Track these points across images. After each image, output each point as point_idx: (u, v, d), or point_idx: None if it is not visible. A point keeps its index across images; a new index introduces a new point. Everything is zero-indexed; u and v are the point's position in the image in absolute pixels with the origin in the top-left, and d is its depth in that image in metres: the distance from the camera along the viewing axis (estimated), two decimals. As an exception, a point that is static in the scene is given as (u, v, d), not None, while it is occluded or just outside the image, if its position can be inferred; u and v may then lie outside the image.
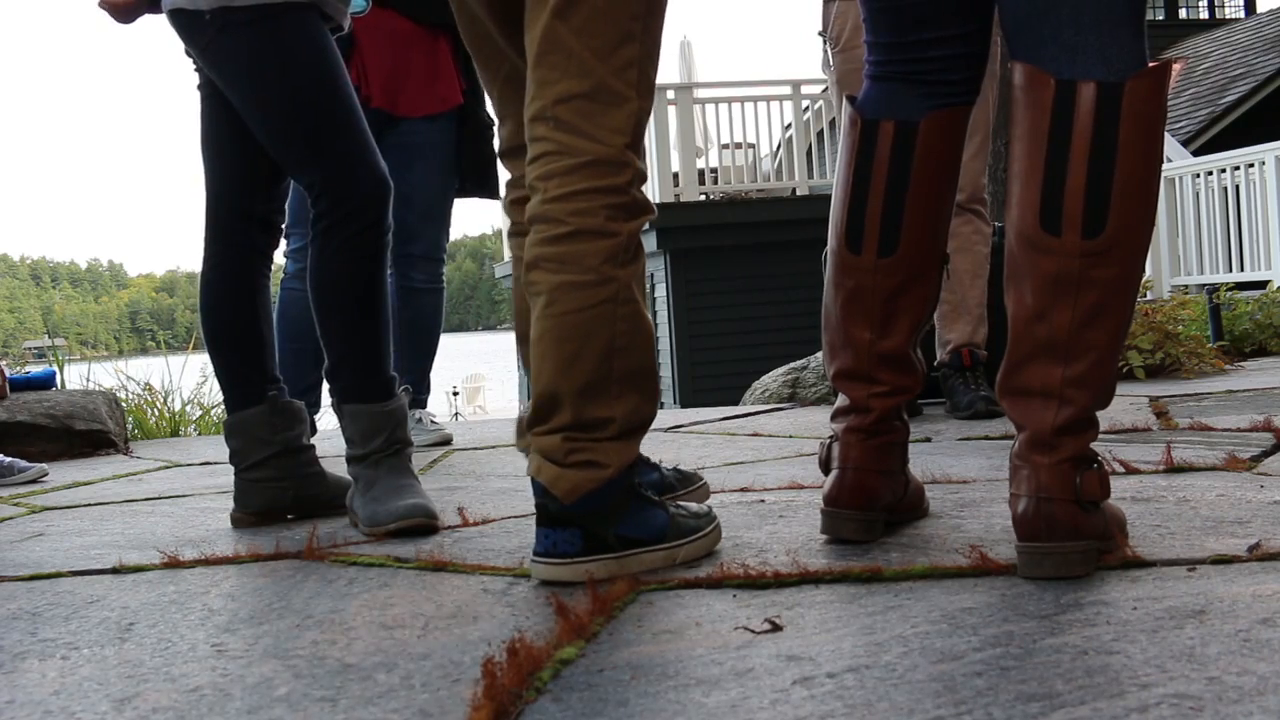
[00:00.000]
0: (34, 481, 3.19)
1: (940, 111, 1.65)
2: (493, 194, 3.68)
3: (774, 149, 11.69)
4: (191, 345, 6.30)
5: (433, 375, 3.82)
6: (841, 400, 1.73)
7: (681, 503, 1.71)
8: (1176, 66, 15.23)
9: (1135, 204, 1.43)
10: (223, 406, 5.31)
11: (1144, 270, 1.52)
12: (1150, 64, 1.44)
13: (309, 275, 2.19)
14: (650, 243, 10.87)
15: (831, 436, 1.73)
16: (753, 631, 1.28)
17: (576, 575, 1.55)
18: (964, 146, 1.72)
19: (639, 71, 1.58)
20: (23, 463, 3.25)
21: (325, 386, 2.30)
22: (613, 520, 1.57)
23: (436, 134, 3.56)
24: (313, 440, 3.56)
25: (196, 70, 2.30)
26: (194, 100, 3.77)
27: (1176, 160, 9.21)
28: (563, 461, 1.56)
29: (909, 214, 1.65)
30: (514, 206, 1.89)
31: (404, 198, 3.59)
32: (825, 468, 1.72)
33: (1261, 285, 7.35)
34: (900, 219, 1.65)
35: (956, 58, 1.65)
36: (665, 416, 3.98)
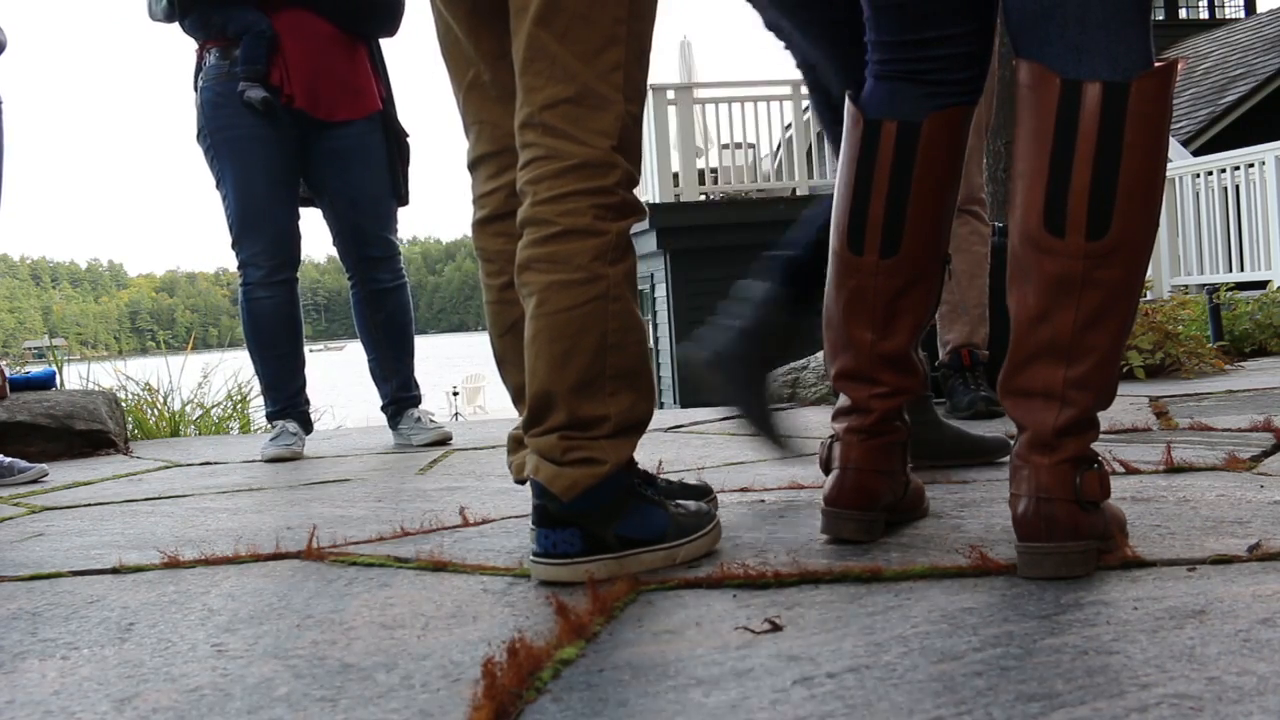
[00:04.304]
0: (34, 482, 3.19)
1: (943, 111, 1.64)
2: (402, 202, 3.71)
3: (774, 149, 11.69)
4: (190, 345, 6.30)
5: (433, 376, 3.83)
6: (842, 400, 1.73)
7: (680, 501, 1.71)
8: (1181, 65, 15.21)
9: (1140, 206, 1.43)
10: (221, 406, 5.32)
11: (1147, 272, 1.51)
12: (1156, 64, 1.43)
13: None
14: (650, 243, 10.88)
15: (832, 436, 1.73)
16: (753, 631, 1.28)
17: (577, 575, 1.55)
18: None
19: (624, 74, 1.58)
20: (23, 463, 3.25)
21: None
22: (612, 520, 1.57)
23: (364, 136, 3.57)
24: (306, 441, 3.57)
25: None
26: (193, 101, 3.76)
27: (1177, 160, 9.20)
28: (560, 460, 1.56)
29: (911, 215, 1.64)
30: (481, 229, 1.86)
31: (350, 202, 3.59)
32: (826, 468, 1.72)
33: (1261, 285, 7.36)
34: (903, 220, 1.64)
35: (959, 57, 1.65)
36: (665, 416, 3.98)
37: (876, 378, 1.68)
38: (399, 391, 3.70)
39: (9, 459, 3.24)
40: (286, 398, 3.60)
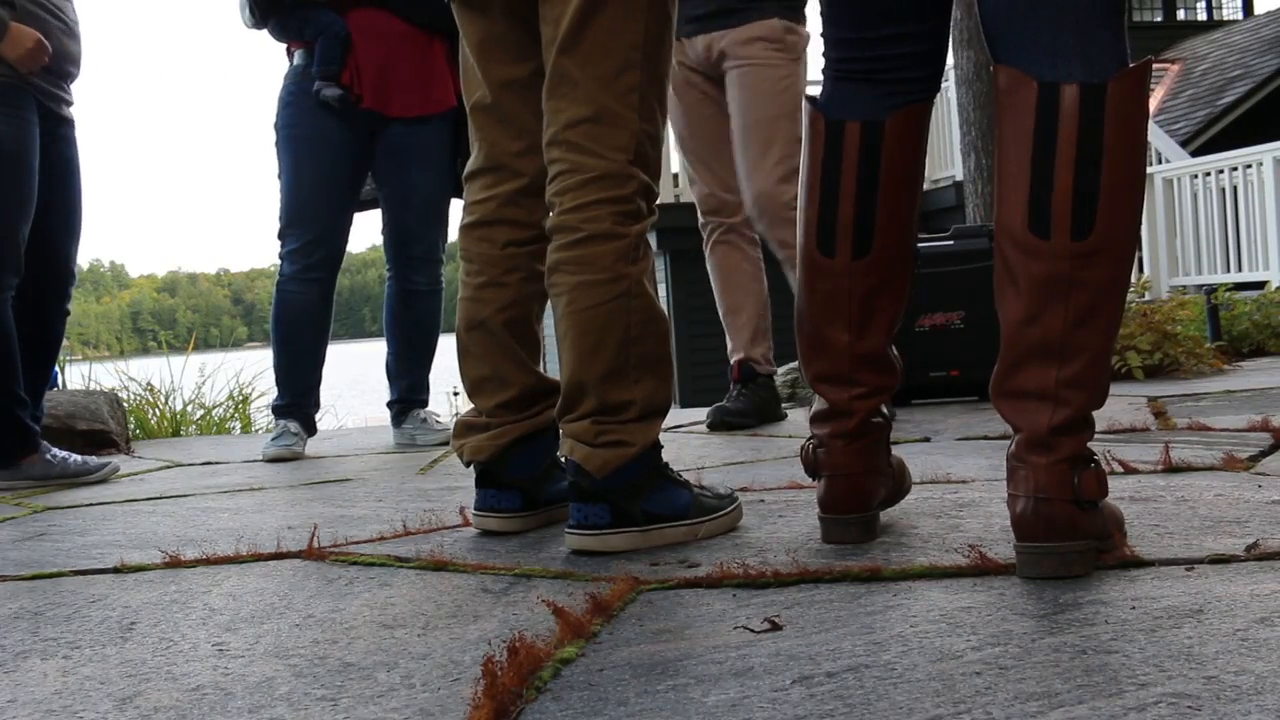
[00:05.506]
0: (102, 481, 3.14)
1: (903, 110, 1.64)
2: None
3: (773, 149, 11.66)
4: (192, 345, 6.31)
5: (431, 375, 3.83)
6: (820, 404, 1.72)
7: (705, 485, 1.86)
8: (1174, 68, 15.21)
9: (1122, 204, 1.43)
10: (222, 407, 5.32)
11: (1133, 268, 1.52)
12: (1131, 65, 1.44)
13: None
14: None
15: (814, 441, 1.72)
16: (753, 631, 1.28)
17: (605, 545, 1.71)
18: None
19: (639, 96, 1.74)
20: (91, 459, 3.20)
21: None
22: (639, 496, 1.73)
23: (430, 135, 3.56)
24: (307, 442, 3.57)
25: None
26: (195, 101, 3.76)
27: (1175, 161, 9.20)
28: (593, 442, 1.71)
29: (881, 214, 1.65)
30: (468, 232, 1.96)
31: (401, 199, 3.59)
32: (813, 473, 1.72)
33: (1259, 285, 7.36)
34: (873, 220, 1.65)
35: (918, 55, 1.65)
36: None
37: (856, 378, 1.68)
38: (409, 392, 3.71)
39: (74, 455, 3.19)
40: (296, 393, 3.60)
